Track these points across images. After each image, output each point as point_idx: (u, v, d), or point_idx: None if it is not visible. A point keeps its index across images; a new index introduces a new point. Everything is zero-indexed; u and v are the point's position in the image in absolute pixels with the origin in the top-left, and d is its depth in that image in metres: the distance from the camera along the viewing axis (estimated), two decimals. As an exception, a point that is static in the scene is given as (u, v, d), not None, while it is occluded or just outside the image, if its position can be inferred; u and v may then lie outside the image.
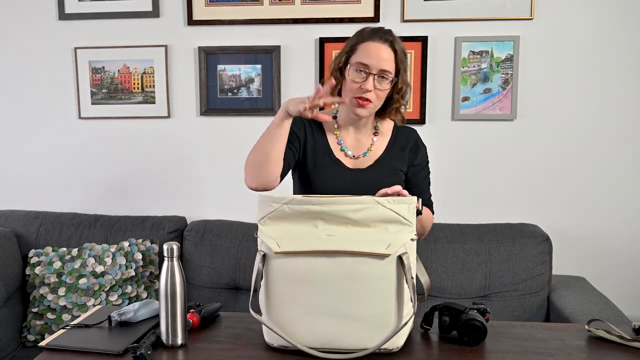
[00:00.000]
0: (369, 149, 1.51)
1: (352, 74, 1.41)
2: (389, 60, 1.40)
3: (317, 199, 1.15)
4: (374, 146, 1.51)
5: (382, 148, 1.52)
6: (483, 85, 2.25)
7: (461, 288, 2.07)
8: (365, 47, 1.40)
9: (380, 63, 1.39)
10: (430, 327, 1.28)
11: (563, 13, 2.20)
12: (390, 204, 1.14)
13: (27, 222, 2.28)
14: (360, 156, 1.50)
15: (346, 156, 1.51)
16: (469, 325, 1.19)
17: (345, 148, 1.51)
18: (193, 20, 2.32)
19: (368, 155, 1.51)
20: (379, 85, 1.40)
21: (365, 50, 1.40)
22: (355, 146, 1.52)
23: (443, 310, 1.24)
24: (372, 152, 1.51)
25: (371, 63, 1.38)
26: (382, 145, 1.53)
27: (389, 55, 1.40)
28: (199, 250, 2.20)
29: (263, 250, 1.17)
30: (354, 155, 1.50)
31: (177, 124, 2.40)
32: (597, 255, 2.29)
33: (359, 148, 1.52)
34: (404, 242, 1.13)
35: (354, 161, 1.50)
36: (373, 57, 1.39)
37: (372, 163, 1.50)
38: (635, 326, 1.28)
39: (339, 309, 1.13)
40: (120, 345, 1.19)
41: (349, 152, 1.50)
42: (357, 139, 1.52)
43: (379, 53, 1.39)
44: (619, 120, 2.23)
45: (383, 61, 1.39)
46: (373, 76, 1.39)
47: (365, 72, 1.39)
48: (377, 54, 1.39)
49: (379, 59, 1.39)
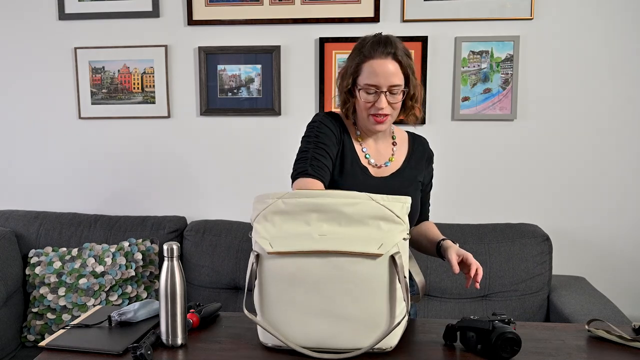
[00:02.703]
0: (390, 159, 1.51)
1: (364, 96, 1.40)
2: (395, 73, 1.38)
3: (311, 192, 1.16)
4: (395, 157, 1.52)
5: (402, 159, 1.53)
6: (483, 85, 2.25)
7: (461, 288, 2.07)
8: (370, 67, 1.38)
9: (388, 79, 1.37)
10: (455, 341, 1.22)
11: (563, 13, 2.20)
12: (384, 201, 1.14)
13: (27, 222, 2.28)
14: (382, 165, 1.50)
15: (369, 164, 1.49)
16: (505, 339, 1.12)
17: (368, 156, 1.50)
18: (193, 20, 2.32)
19: (390, 165, 1.51)
20: (391, 99, 1.40)
21: (370, 70, 1.38)
22: (376, 155, 1.51)
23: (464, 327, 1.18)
24: (393, 163, 1.51)
25: (379, 82, 1.37)
26: (402, 155, 1.53)
27: (394, 69, 1.38)
28: (199, 250, 2.20)
29: (256, 250, 1.18)
30: (377, 164, 1.50)
31: (177, 124, 2.40)
32: (597, 255, 2.29)
33: (380, 158, 1.51)
34: (397, 242, 1.12)
35: (377, 170, 1.50)
36: (380, 75, 1.37)
37: (394, 172, 1.50)
38: (635, 326, 1.28)
39: (331, 309, 1.13)
40: (120, 345, 1.19)
41: (372, 161, 1.50)
42: (377, 148, 1.52)
43: (384, 70, 1.37)
44: (618, 120, 2.23)
45: (390, 77, 1.37)
46: (384, 93, 1.38)
47: (375, 92, 1.39)
48: (382, 71, 1.37)
49: (386, 76, 1.37)
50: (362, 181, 1.46)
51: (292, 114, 2.34)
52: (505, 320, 1.18)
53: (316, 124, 1.46)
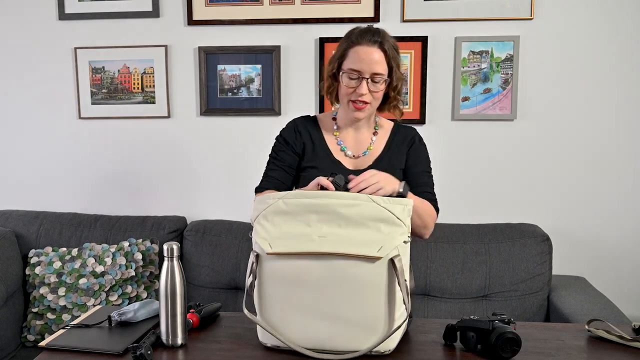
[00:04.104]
0: (369, 148, 1.51)
1: (346, 80, 1.42)
2: (380, 62, 1.41)
3: (312, 193, 1.16)
4: (373, 145, 1.52)
5: (381, 147, 1.53)
6: (483, 85, 2.25)
7: (461, 288, 2.07)
8: (355, 52, 1.41)
9: (372, 67, 1.40)
10: (455, 341, 1.22)
11: (563, 13, 2.20)
12: (385, 203, 1.14)
13: (27, 222, 2.28)
14: (360, 155, 1.51)
15: (346, 156, 1.51)
16: (505, 340, 1.12)
17: (345, 148, 1.51)
18: (193, 20, 2.32)
19: (368, 155, 1.51)
20: (373, 88, 1.42)
21: (355, 56, 1.41)
22: (355, 146, 1.52)
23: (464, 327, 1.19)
24: (371, 151, 1.51)
25: (362, 68, 1.40)
26: (381, 144, 1.53)
27: (379, 57, 1.41)
28: (199, 250, 2.20)
29: (256, 250, 1.18)
30: (354, 155, 1.51)
31: (177, 124, 2.40)
32: (597, 255, 2.29)
33: (358, 148, 1.52)
34: (397, 245, 1.12)
35: (355, 161, 1.51)
36: (364, 61, 1.40)
37: (372, 163, 1.50)
38: (635, 326, 1.28)
39: (330, 310, 1.13)
40: (120, 345, 1.19)
41: (349, 152, 1.51)
42: (357, 138, 1.53)
43: (369, 57, 1.40)
44: (618, 120, 2.23)
45: (374, 64, 1.40)
46: (366, 80, 1.40)
47: (358, 77, 1.41)
48: (367, 58, 1.40)
49: (369, 63, 1.40)
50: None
51: (292, 114, 2.34)
52: (505, 320, 1.18)
53: (276, 139, 1.58)
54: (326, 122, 1.57)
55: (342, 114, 1.52)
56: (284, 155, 1.54)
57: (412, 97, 2.27)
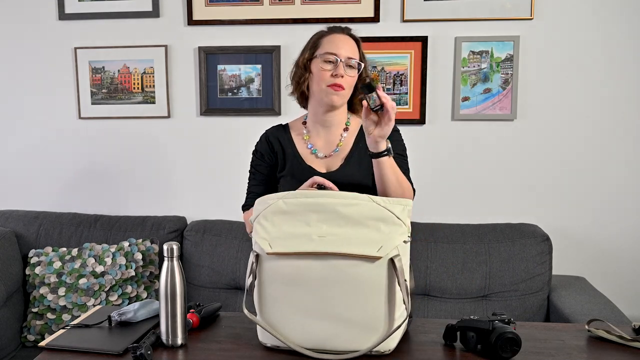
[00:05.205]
0: (339, 145, 1.52)
1: (322, 64, 1.46)
2: (353, 48, 1.49)
3: (312, 192, 1.17)
4: (344, 141, 1.53)
5: (351, 142, 1.53)
6: (483, 85, 2.25)
7: (461, 288, 2.07)
8: (329, 39, 1.49)
9: (347, 50, 1.47)
10: (455, 341, 1.22)
11: (563, 13, 2.20)
12: (385, 203, 1.14)
13: (27, 222, 2.28)
14: (331, 154, 1.52)
15: (317, 158, 1.52)
16: (505, 340, 1.12)
17: (315, 151, 1.53)
18: (193, 20, 2.32)
19: (338, 152, 1.52)
20: (348, 72, 1.46)
21: (330, 42, 1.48)
22: (325, 146, 1.54)
23: (464, 327, 1.18)
24: (342, 148, 1.52)
25: (338, 51, 1.46)
26: (351, 139, 1.54)
27: (352, 44, 1.49)
28: (199, 250, 2.20)
29: (256, 250, 1.18)
30: (325, 155, 1.52)
31: (177, 124, 2.40)
32: (597, 255, 2.29)
33: (329, 147, 1.53)
34: (396, 244, 1.12)
35: (326, 162, 1.51)
36: (340, 46, 1.47)
37: (343, 162, 1.50)
38: (635, 326, 1.28)
39: (330, 310, 1.13)
40: (120, 345, 1.19)
41: (320, 154, 1.52)
42: (326, 139, 1.54)
43: (344, 42, 1.48)
44: (618, 120, 2.23)
45: (349, 48, 1.47)
46: (342, 62, 1.45)
47: (334, 61, 1.45)
48: (342, 42, 1.48)
49: (345, 47, 1.47)
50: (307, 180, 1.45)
51: (292, 114, 2.33)
52: (505, 320, 1.17)
53: (252, 154, 1.62)
54: (297, 127, 1.59)
55: (314, 109, 1.53)
56: (262, 168, 1.59)
57: (412, 97, 2.27)
